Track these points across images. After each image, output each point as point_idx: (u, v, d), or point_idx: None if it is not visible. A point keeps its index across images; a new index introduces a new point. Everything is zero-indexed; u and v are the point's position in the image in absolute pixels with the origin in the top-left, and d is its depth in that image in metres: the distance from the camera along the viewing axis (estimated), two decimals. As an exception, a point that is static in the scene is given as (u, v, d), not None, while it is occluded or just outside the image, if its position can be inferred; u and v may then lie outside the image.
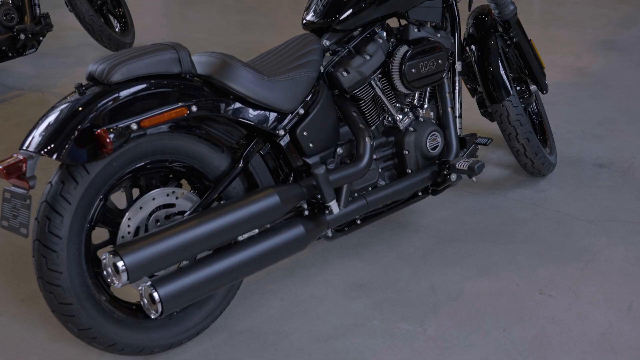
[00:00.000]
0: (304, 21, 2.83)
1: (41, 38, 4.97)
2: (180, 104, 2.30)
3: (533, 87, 3.45)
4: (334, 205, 2.55)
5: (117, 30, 5.71)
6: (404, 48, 2.81)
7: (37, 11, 4.89)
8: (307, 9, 2.84)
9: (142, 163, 2.36)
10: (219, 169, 2.49)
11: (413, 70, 2.79)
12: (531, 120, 3.58)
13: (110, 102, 2.20)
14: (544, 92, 3.56)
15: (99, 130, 2.13)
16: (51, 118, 2.19)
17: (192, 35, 6.21)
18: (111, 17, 5.73)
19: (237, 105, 2.44)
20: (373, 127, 2.84)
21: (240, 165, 2.49)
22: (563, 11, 6.49)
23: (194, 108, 2.32)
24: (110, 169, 2.28)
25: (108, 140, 2.13)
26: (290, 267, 2.93)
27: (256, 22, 6.52)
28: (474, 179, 2.86)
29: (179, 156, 2.42)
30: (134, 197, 2.43)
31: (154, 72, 2.30)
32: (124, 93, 2.23)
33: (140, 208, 2.36)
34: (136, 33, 5.90)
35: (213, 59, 2.46)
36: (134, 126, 2.20)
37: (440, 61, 2.88)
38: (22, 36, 4.81)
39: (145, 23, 6.67)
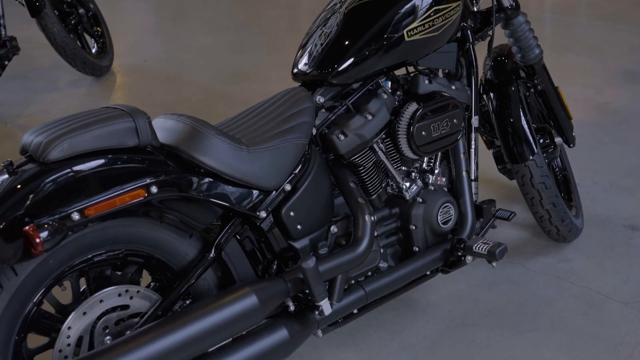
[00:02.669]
0: (295, 71, 2.37)
1: (6, 62, 4.48)
2: (136, 184, 1.84)
3: (558, 140, 3.00)
4: (325, 305, 2.08)
5: (93, 51, 5.23)
6: (413, 106, 2.34)
7: (3, 33, 4.41)
8: (300, 55, 2.38)
9: (89, 255, 1.90)
10: (185, 258, 2.04)
11: (423, 132, 2.34)
12: (555, 177, 3.12)
13: (45, 187, 1.74)
14: (571, 145, 3.10)
15: (26, 227, 1.67)
16: (-32, 206, 1.72)
17: (178, 57, 5.73)
18: (88, 37, 5.25)
19: (209, 182, 1.98)
20: (374, 196, 2.38)
21: (212, 255, 2.04)
22: (578, 35, 6.02)
23: (153, 189, 1.86)
24: (46, 268, 1.82)
25: (38, 240, 1.66)
26: (273, 361, 2.47)
27: (247, 42, 6.03)
28: (493, 264, 2.40)
29: (136, 245, 1.97)
30: (81, 289, 1.99)
31: (104, 146, 1.84)
32: (63, 174, 1.77)
33: (84, 314, 1.90)
34: (116, 54, 5.43)
35: (180, 125, 2.00)
36: (76, 216, 1.74)
37: (455, 121, 2.42)
38: None
39: (128, 42, 6.19)
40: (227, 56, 5.70)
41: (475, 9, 2.71)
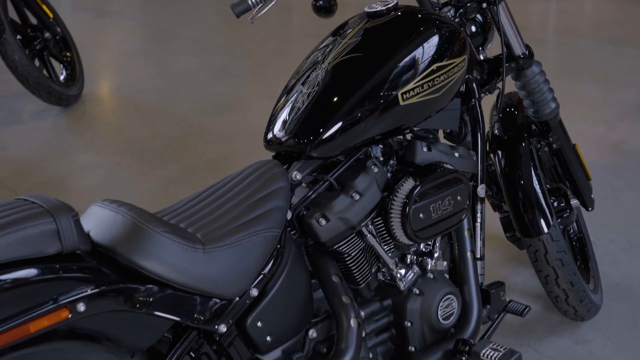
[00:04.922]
0: (269, 137, 1.97)
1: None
2: (57, 303, 1.44)
3: (574, 202, 2.61)
4: None
5: (62, 79, 4.80)
6: (409, 183, 1.95)
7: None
8: (278, 110, 1.98)
9: (-2, 389, 1.51)
10: (126, 383, 1.64)
11: (421, 215, 1.94)
12: (571, 244, 2.73)
13: None
14: (589, 209, 2.71)
15: None
16: None
17: (155, 83, 5.32)
18: (56, 63, 4.83)
19: (154, 293, 1.57)
20: (363, 285, 1.98)
21: (158, 380, 1.64)
22: (585, 61, 5.62)
23: (80, 307, 1.46)
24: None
25: None
26: None
27: (232, 66, 5.62)
28: (506, 374, 2.00)
29: (61, 371, 1.56)
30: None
31: (15, 257, 1.43)
32: (-42, 296, 1.37)
33: None
34: (89, 79, 5.00)
35: (119, 219, 1.59)
36: (-26, 351, 1.35)
37: (459, 198, 2.02)
38: None
39: (101, 64, 5.77)
40: (209, 82, 5.29)
41: (481, 57, 2.32)
